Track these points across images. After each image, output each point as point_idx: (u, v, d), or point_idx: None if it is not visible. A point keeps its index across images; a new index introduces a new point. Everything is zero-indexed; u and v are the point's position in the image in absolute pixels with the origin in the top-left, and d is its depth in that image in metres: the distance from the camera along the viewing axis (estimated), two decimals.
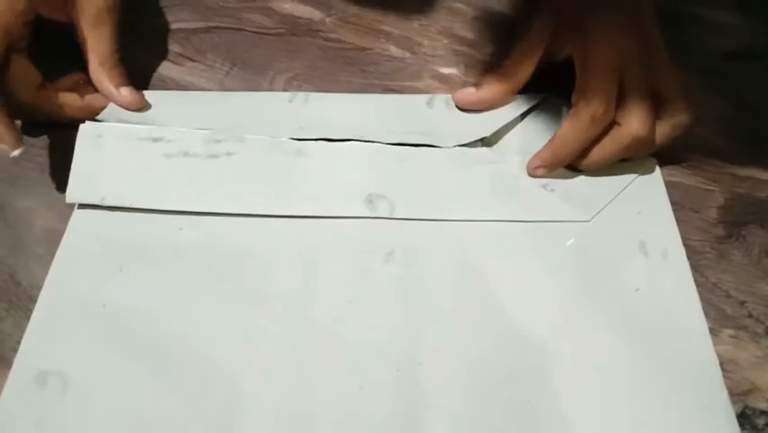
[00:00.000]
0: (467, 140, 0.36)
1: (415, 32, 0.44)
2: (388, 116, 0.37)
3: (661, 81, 0.34)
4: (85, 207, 0.33)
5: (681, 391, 0.29)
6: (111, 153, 0.34)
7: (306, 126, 0.36)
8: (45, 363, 0.28)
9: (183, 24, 0.42)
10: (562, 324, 0.30)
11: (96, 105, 0.36)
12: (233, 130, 0.35)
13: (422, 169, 0.35)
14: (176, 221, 0.33)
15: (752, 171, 0.37)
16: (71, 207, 0.33)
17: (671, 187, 0.36)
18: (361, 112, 0.37)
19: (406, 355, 0.29)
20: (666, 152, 0.37)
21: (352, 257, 0.32)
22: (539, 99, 0.38)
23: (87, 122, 0.35)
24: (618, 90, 0.33)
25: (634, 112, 0.33)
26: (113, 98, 0.36)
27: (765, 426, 0.28)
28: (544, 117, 0.38)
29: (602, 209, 0.34)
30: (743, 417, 0.28)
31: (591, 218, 0.34)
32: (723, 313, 0.32)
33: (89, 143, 0.34)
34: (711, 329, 0.31)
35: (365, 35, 0.43)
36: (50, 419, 0.26)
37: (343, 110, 0.37)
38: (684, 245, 0.33)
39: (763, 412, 0.29)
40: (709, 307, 0.32)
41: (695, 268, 0.33)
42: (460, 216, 0.34)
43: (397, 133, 0.36)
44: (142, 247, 0.32)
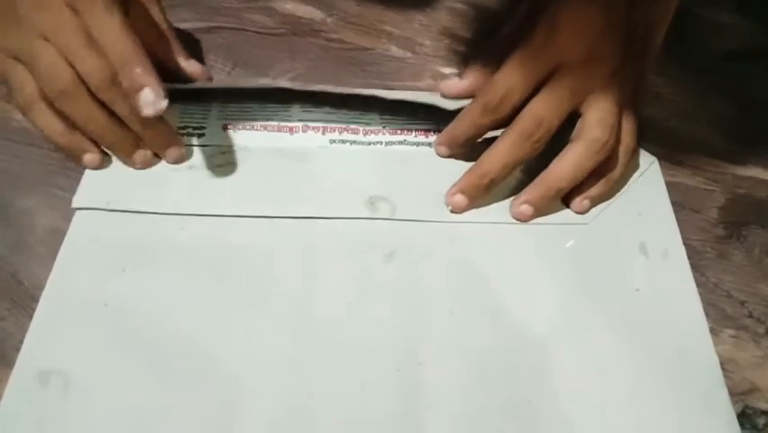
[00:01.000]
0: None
1: (416, 32, 0.44)
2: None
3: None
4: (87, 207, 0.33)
5: (682, 392, 0.29)
6: (119, 166, 0.34)
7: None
8: (47, 362, 0.28)
9: (184, 24, 0.42)
10: (563, 324, 0.30)
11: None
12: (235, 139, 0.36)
13: (423, 170, 0.36)
14: (177, 221, 0.33)
15: (752, 171, 0.37)
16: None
17: (671, 187, 0.36)
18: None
19: (406, 355, 0.29)
20: (667, 152, 0.37)
21: (353, 257, 0.32)
22: None
23: None
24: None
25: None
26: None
27: (766, 426, 0.28)
28: None
29: (603, 210, 0.34)
30: (743, 416, 0.28)
31: (591, 220, 0.34)
32: (723, 313, 0.32)
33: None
34: (712, 329, 0.31)
35: (366, 35, 0.43)
36: (52, 417, 0.26)
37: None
38: (685, 245, 0.33)
39: (764, 412, 0.29)
40: (710, 307, 0.32)
41: (695, 268, 0.33)
42: (460, 218, 0.34)
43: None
44: (144, 247, 0.32)
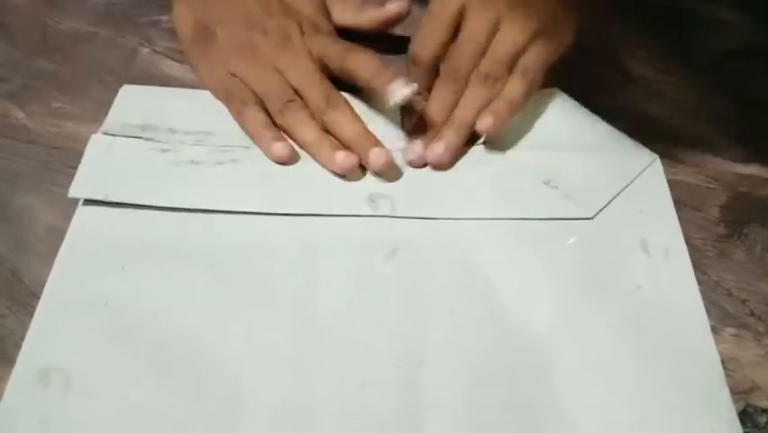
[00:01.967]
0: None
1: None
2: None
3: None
4: (88, 204, 0.33)
5: (683, 390, 0.29)
6: (119, 159, 0.34)
7: None
8: (48, 360, 0.28)
9: None
10: (564, 322, 0.30)
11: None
12: (240, 136, 0.36)
13: (423, 168, 0.36)
14: (178, 219, 0.33)
15: (754, 170, 0.37)
16: (74, 204, 0.33)
17: (672, 185, 0.36)
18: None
19: (407, 354, 0.29)
20: (668, 150, 0.37)
21: (354, 255, 0.32)
22: (540, 96, 0.38)
23: (98, 134, 0.35)
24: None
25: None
26: None
27: (767, 424, 0.28)
28: (545, 114, 0.38)
29: (605, 207, 0.34)
30: (744, 415, 0.28)
31: (594, 215, 0.34)
32: (725, 311, 0.32)
33: (98, 150, 0.35)
34: (713, 328, 0.31)
35: None
36: (53, 415, 0.26)
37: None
38: (686, 244, 0.33)
39: (765, 410, 0.28)
40: (711, 305, 0.32)
41: (697, 266, 0.33)
42: (462, 215, 0.34)
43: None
44: (145, 245, 0.32)
